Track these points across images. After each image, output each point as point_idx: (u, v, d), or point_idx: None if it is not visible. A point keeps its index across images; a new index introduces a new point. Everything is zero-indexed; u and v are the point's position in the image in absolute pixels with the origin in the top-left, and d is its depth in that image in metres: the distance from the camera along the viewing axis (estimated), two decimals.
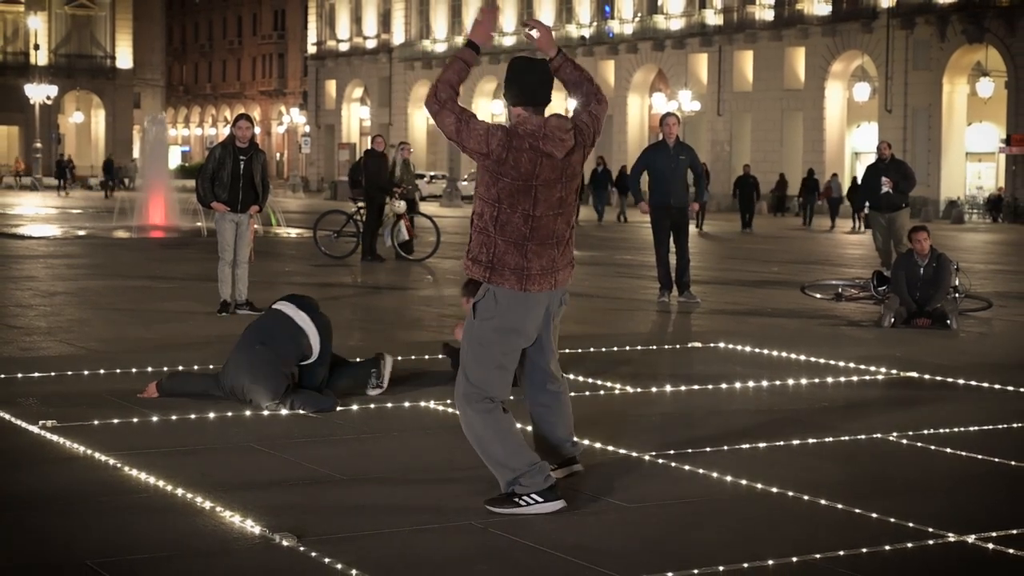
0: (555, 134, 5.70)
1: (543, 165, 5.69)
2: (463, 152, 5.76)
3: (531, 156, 5.67)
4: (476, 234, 5.76)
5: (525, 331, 5.83)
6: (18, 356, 10.12)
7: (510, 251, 5.68)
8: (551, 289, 5.80)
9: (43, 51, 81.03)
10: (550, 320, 5.98)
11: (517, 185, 5.66)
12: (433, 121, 5.79)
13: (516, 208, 5.68)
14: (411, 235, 21.25)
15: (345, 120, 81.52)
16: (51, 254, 21.59)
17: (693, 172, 14.99)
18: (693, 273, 15.61)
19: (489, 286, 5.73)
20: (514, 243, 5.68)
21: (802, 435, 7.40)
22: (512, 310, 5.72)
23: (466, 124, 5.67)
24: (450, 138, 5.75)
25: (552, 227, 5.76)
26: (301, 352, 8.08)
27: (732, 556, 5.07)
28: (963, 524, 5.56)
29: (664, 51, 60.58)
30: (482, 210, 5.74)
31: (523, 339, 5.86)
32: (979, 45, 48.98)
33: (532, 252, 5.71)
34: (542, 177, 5.69)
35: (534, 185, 5.68)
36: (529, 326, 5.83)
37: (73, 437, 6.97)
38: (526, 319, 5.78)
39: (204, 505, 5.67)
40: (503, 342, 5.76)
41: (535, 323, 5.85)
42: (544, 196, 5.71)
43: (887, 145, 18.53)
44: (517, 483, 5.70)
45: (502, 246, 5.69)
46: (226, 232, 12.90)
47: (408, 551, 5.17)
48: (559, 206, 5.78)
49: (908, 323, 12.80)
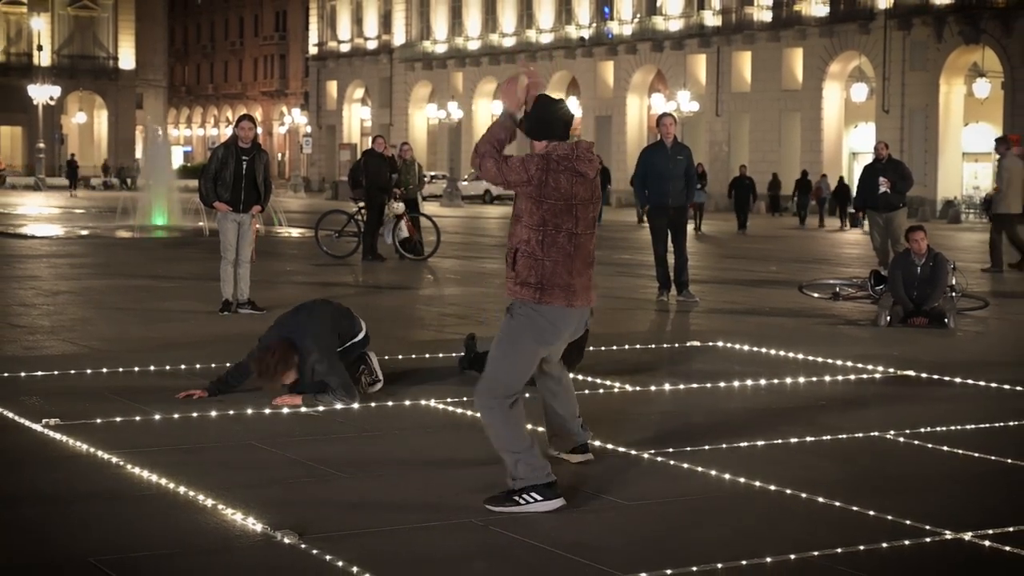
0: (586, 155, 6.09)
1: (578, 184, 6.04)
2: (509, 188, 6.09)
3: (568, 177, 6.02)
4: (523, 259, 6.05)
5: (560, 343, 6.25)
6: (21, 355, 10.15)
7: (558, 270, 6.02)
8: (587, 305, 6.19)
9: (46, 52, 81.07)
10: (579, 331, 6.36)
11: (559, 206, 6.00)
12: (481, 176, 6.14)
13: (560, 228, 6.02)
14: (413, 234, 21.29)
15: (346, 121, 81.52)
16: (54, 253, 21.62)
17: (685, 173, 15.00)
18: (692, 273, 15.64)
19: (536, 306, 6.03)
20: (562, 262, 6.02)
21: (800, 433, 7.43)
22: (555, 325, 6.07)
23: (504, 162, 6.04)
24: (495, 182, 6.09)
25: (588, 246, 6.16)
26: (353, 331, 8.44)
27: (731, 554, 5.10)
28: (960, 522, 5.60)
29: (663, 52, 60.59)
30: (528, 236, 6.05)
31: (555, 349, 6.31)
32: (976, 46, 48.99)
33: (577, 271, 6.08)
34: (579, 196, 6.05)
35: (574, 204, 6.03)
36: (565, 338, 6.23)
37: (76, 435, 7.01)
38: (564, 332, 6.16)
39: (206, 503, 5.71)
40: (537, 352, 6.13)
41: (569, 335, 6.24)
42: (582, 215, 6.08)
43: (884, 145, 18.57)
44: (517, 476, 5.81)
45: (550, 267, 6.02)
46: (228, 232, 12.94)
47: (409, 548, 5.21)
48: (591, 225, 6.17)
49: (905, 322, 12.84)
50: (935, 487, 6.41)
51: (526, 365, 6.08)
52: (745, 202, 37.09)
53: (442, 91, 71.20)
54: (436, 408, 8.11)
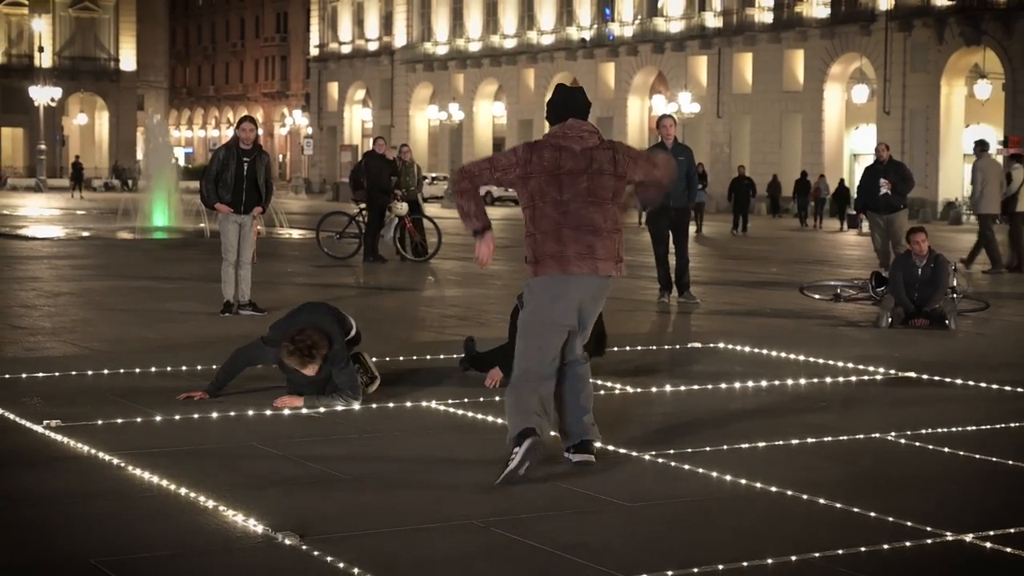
0: (572, 132, 6.29)
1: (564, 156, 6.25)
2: (509, 186, 6.39)
3: (552, 151, 6.27)
4: (525, 242, 6.31)
5: (569, 315, 6.28)
6: (22, 356, 10.16)
7: (547, 240, 6.19)
8: (592, 274, 6.23)
9: (47, 53, 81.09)
10: (596, 306, 6.44)
11: (544, 178, 6.21)
12: (457, 200, 6.40)
13: (546, 198, 6.21)
14: (414, 236, 21.29)
15: (347, 122, 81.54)
16: (55, 255, 21.64)
17: (686, 174, 15.00)
18: (692, 274, 15.65)
19: (533, 281, 6.24)
20: (551, 231, 6.19)
21: (801, 435, 7.43)
22: (553, 295, 6.19)
23: (493, 163, 6.35)
24: (500, 184, 6.38)
25: (585, 214, 6.22)
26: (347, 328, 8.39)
27: (732, 555, 5.10)
28: (961, 523, 5.59)
29: (664, 53, 60.61)
30: (525, 219, 6.32)
31: (560, 325, 6.29)
32: (977, 47, 49.00)
33: (568, 238, 6.19)
34: (566, 167, 6.24)
35: (559, 175, 6.22)
36: (573, 309, 6.27)
37: (77, 437, 7.01)
38: (568, 303, 6.23)
39: (207, 504, 5.71)
40: (548, 330, 6.24)
41: (572, 307, 6.27)
42: (570, 183, 6.23)
43: (885, 147, 18.57)
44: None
45: (540, 238, 6.21)
46: (229, 233, 12.95)
47: (410, 550, 5.21)
48: (588, 195, 6.25)
49: (906, 323, 12.84)
50: (936, 488, 6.41)
51: (541, 345, 6.20)
52: (745, 203, 37.01)
53: (443, 92, 71.22)
54: (437, 409, 8.11)
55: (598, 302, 6.42)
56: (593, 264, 6.19)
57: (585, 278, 6.21)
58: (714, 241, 31.58)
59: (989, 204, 21.04)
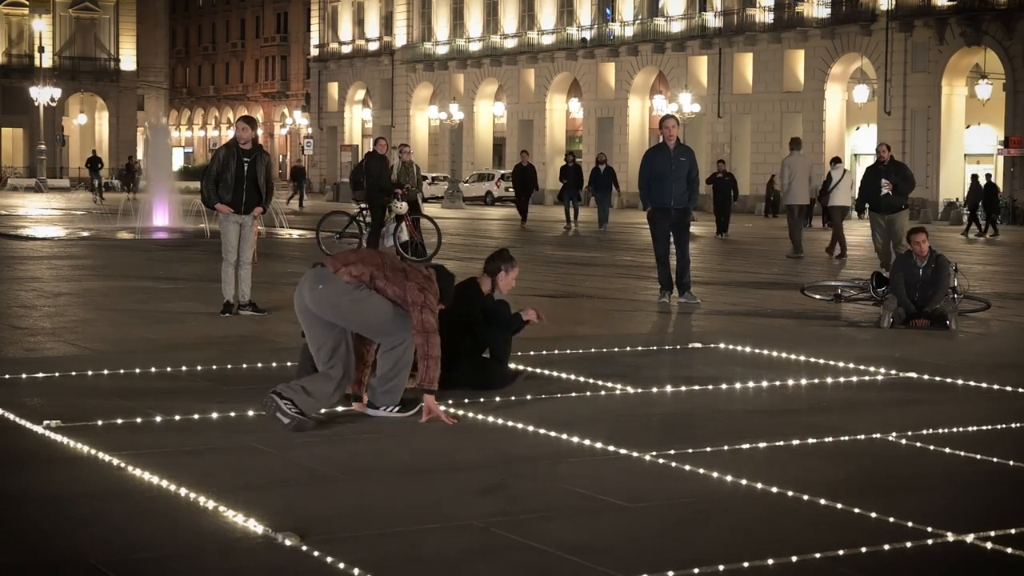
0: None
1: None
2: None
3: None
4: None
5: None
6: (22, 356, 10.16)
7: None
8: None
9: (47, 53, 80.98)
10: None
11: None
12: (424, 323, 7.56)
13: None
14: (414, 236, 21.29)
15: (347, 122, 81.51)
16: (55, 255, 21.63)
17: (688, 175, 15.00)
18: (693, 274, 15.64)
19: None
20: None
21: (802, 435, 7.43)
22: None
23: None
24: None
25: None
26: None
27: (732, 555, 5.10)
28: (962, 523, 5.59)
29: (664, 53, 60.59)
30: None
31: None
32: (977, 48, 48.98)
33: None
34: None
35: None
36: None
37: (77, 437, 7.01)
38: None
39: (207, 505, 5.70)
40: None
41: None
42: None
43: (886, 147, 18.58)
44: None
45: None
46: (229, 233, 12.94)
47: (410, 550, 5.20)
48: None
49: (907, 324, 12.84)
50: (937, 489, 6.41)
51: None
52: (726, 203, 32.81)
53: (443, 92, 71.21)
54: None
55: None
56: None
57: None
58: (712, 241, 31.52)
59: (796, 196, 23.70)
